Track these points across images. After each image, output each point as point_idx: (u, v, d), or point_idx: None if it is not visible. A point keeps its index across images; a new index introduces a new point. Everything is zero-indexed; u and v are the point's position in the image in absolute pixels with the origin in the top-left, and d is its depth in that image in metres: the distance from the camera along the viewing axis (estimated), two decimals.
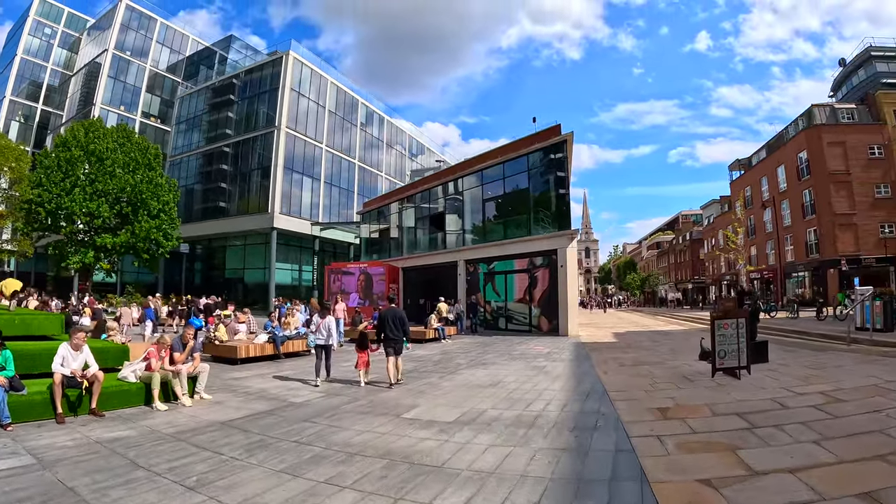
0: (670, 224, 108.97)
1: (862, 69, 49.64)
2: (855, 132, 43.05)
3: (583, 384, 10.88)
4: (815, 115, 44.57)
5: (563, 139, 25.51)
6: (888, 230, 40.93)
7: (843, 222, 41.35)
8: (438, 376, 12.54)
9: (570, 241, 24.60)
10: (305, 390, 10.87)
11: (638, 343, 20.17)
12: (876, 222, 41.19)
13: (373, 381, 11.59)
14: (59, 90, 65.23)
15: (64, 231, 36.10)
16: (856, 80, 50.53)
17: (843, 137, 42.65)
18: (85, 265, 36.46)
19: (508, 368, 13.56)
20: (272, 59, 52.59)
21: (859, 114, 44.45)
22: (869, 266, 40.36)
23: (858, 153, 42.18)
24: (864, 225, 41.17)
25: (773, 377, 10.53)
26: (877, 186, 41.83)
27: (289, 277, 52.25)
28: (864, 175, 41.88)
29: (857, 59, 50.29)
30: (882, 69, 47.65)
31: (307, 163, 51.85)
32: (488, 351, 18.18)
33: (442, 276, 31.30)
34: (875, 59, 48.21)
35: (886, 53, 48.46)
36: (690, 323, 32.96)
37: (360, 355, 11.68)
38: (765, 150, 54.46)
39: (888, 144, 42.12)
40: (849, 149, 42.23)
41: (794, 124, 47.90)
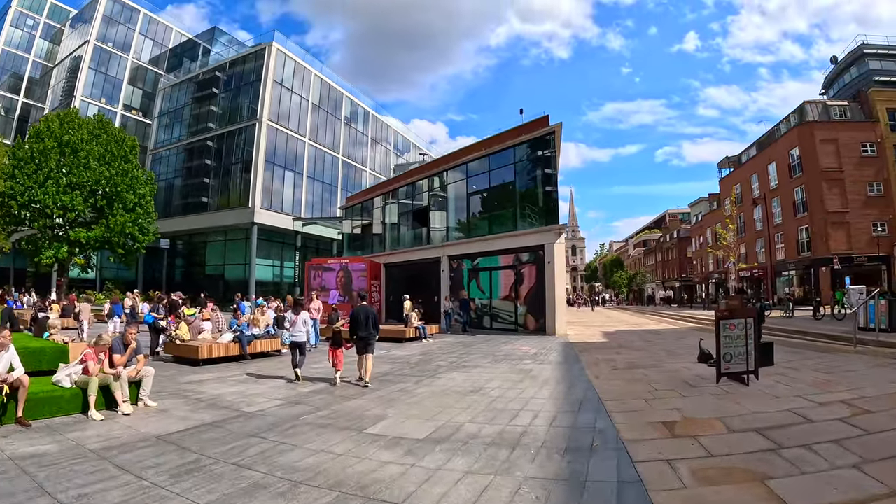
0: (657, 222, 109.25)
1: (854, 67, 49.03)
2: (847, 129, 42.32)
3: (574, 391, 9.76)
4: (807, 111, 43.87)
5: (551, 131, 24.36)
6: (881, 229, 40.24)
7: (836, 220, 40.64)
8: (414, 381, 11.37)
9: (557, 236, 23.45)
10: (263, 397, 9.68)
11: (629, 343, 19.09)
12: (868, 221, 40.58)
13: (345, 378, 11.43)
14: (40, 82, 63.40)
15: (37, 225, 34.68)
16: (848, 77, 49.87)
17: (835, 135, 41.92)
18: (58, 260, 35.06)
19: (492, 372, 12.47)
20: (255, 50, 51.28)
21: (852, 111, 43.80)
22: (861, 265, 39.74)
23: (851, 151, 41.49)
24: (857, 223, 40.51)
25: (785, 383, 9.54)
26: (869, 184, 41.19)
27: (270, 274, 51.14)
28: (856, 173, 41.20)
29: (849, 56, 49.66)
30: (875, 67, 47.12)
31: (289, 157, 50.72)
32: (471, 352, 17.07)
33: (425, 272, 30.16)
34: (868, 56, 47.62)
35: (879, 51, 47.93)
36: (681, 322, 31.93)
37: (333, 353, 11.41)
38: (755, 147, 53.77)
39: (881, 142, 41.46)
40: (841, 146, 41.54)
41: (785, 121, 47.17)
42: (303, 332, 11.97)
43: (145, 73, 61.10)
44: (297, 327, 11.91)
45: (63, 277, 38.67)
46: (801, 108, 44.56)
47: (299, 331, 11.89)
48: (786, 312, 27.48)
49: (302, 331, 11.92)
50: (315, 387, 10.83)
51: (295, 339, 11.87)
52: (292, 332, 12.05)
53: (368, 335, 11.16)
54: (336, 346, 11.48)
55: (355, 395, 9.80)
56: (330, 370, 11.61)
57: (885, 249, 39.41)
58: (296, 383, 11.19)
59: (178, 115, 56.29)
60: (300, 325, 11.92)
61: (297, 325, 11.93)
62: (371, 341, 11.24)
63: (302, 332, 11.93)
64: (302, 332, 11.93)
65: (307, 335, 12.42)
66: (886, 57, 47.65)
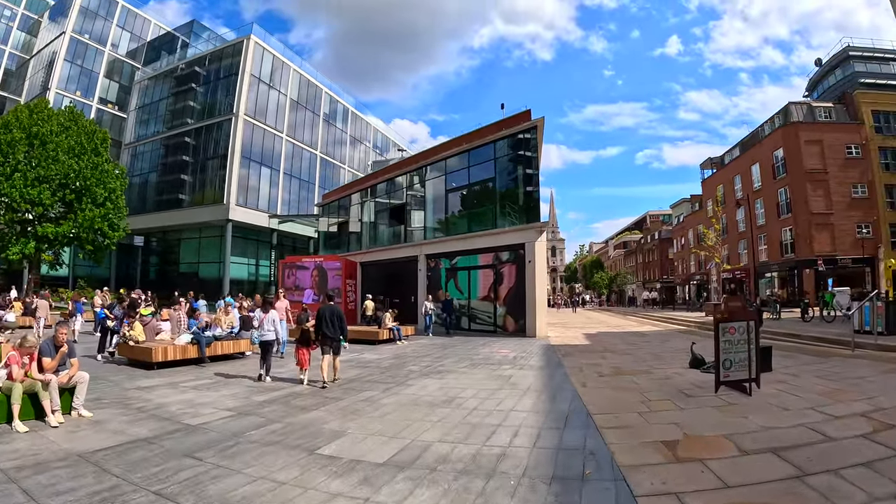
0: (638, 224, 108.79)
1: (839, 69, 48.75)
2: (832, 131, 41.92)
3: (559, 402, 8.78)
4: (791, 112, 43.41)
5: (533, 125, 23.46)
6: (865, 231, 39.85)
7: (820, 222, 40.23)
8: (383, 388, 10.35)
9: (538, 234, 22.53)
10: (212, 407, 8.63)
11: (613, 346, 18.15)
12: (852, 222, 40.20)
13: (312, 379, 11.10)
14: (16, 74, 61.43)
15: (3, 219, 33.21)
16: (832, 79, 49.63)
17: (820, 136, 41.50)
18: (26, 256, 33.61)
19: (468, 378, 11.51)
20: (233, 44, 49.86)
21: (837, 113, 43.38)
22: (845, 266, 39.38)
23: (836, 152, 41.09)
24: (841, 225, 40.12)
25: (790, 392, 8.70)
26: (854, 186, 40.82)
27: (245, 272, 49.87)
28: (841, 174, 40.80)
29: (834, 59, 49.41)
30: (860, 69, 46.88)
31: (266, 153, 49.45)
32: (447, 355, 16.05)
33: (402, 271, 29.21)
34: (853, 59, 47.40)
35: (864, 54, 47.79)
36: (664, 324, 31.20)
37: (300, 353, 11.25)
38: (738, 148, 53.35)
39: (865, 144, 41.15)
40: (826, 147, 41.12)
41: (769, 122, 46.72)
42: (272, 332, 11.75)
43: (122, 66, 59.35)
44: (266, 326, 11.75)
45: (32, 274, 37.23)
46: (785, 109, 44.11)
47: (268, 330, 11.70)
48: (773, 314, 26.71)
49: (271, 330, 11.73)
50: (273, 394, 9.85)
51: (264, 338, 11.65)
52: (261, 332, 11.87)
53: (335, 335, 10.98)
54: (303, 346, 11.31)
55: (314, 406, 8.77)
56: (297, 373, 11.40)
57: (869, 251, 39.05)
58: (252, 390, 10.30)
59: (154, 109, 54.67)
60: (268, 324, 11.77)
61: (265, 324, 11.78)
62: (336, 342, 11.07)
63: (271, 332, 11.72)
64: (271, 332, 11.72)
65: (276, 334, 12.10)
66: (872, 59, 47.49)
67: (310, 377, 11.12)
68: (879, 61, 47.59)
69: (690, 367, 11.73)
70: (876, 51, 48.02)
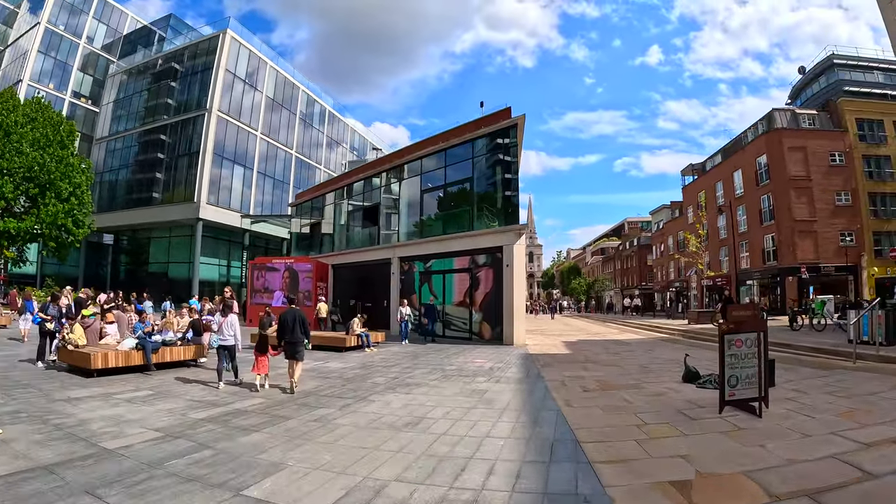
0: (616, 230, 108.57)
1: (823, 76, 48.52)
2: (816, 138, 41.30)
3: (541, 425, 7.55)
4: (775, 119, 42.74)
5: (513, 123, 22.27)
6: (848, 238, 39.28)
7: (803, 229, 39.53)
8: (340, 405, 9.06)
9: (517, 237, 21.34)
10: (139, 426, 7.35)
11: (596, 356, 16.93)
12: (836, 230, 39.59)
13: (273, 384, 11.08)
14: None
15: None
16: (816, 87, 49.38)
17: (803, 143, 40.86)
18: None
19: (438, 393, 10.28)
20: (209, 38, 48.35)
21: (821, 120, 42.85)
22: (828, 274, 38.79)
23: (819, 159, 40.48)
24: (824, 232, 39.46)
25: (802, 412, 7.71)
26: (837, 194, 40.20)
27: (216, 273, 48.30)
28: (824, 182, 40.18)
29: (818, 66, 49.12)
30: (844, 77, 46.59)
31: (240, 151, 47.92)
32: (418, 365, 14.77)
33: (374, 274, 27.97)
34: (837, 66, 47.11)
35: (849, 62, 47.52)
36: (646, 331, 30.16)
37: (258, 359, 10.86)
38: (720, 155, 52.65)
39: (849, 152, 40.64)
40: (810, 154, 40.48)
41: (752, 129, 46.03)
42: (231, 336, 11.16)
43: (97, 59, 57.23)
44: (226, 331, 11.17)
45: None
46: (769, 115, 43.45)
47: (228, 334, 11.15)
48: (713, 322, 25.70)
49: (230, 334, 11.15)
50: (215, 410, 8.60)
51: (224, 342, 11.14)
52: (221, 336, 11.25)
53: (296, 340, 10.74)
54: (261, 352, 10.91)
55: (257, 426, 7.51)
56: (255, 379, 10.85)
57: (852, 259, 38.54)
58: (192, 404, 9.14)
59: (127, 104, 52.74)
60: (228, 328, 11.16)
61: (225, 329, 11.19)
62: (299, 347, 10.76)
63: (230, 336, 11.15)
64: (230, 336, 11.15)
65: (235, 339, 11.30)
66: (856, 68, 47.24)
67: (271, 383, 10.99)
68: (863, 70, 47.38)
69: (684, 381, 10.71)
70: (860, 59, 47.80)
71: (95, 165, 50.39)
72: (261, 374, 10.84)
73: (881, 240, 39.82)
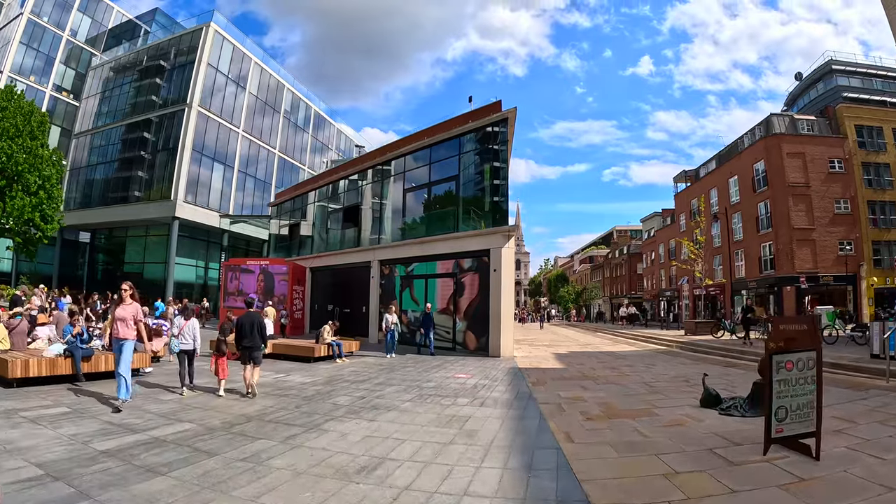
0: (605, 238, 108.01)
1: (821, 82, 47.67)
2: (815, 144, 40.07)
3: (538, 475, 5.74)
4: (773, 124, 41.43)
5: (504, 117, 20.57)
6: (848, 248, 38.01)
7: (802, 237, 38.17)
8: (285, 437, 7.29)
9: (506, 239, 19.64)
10: (20, 458, 5.68)
11: (592, 371, 15.22)
12: (835, 239, 38.32)
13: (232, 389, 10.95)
14: None
15: None
16: (814, 93, 48.60)
17: (802, 149, 39.57)
18: None
19: (410, 421, 8.44)
20: (191, 31, 46.70)
21: (819, 126, 41.60)
22: (827, 284, 37.52)
23: (818, 166, 39.20)
24: (823, 241, 38.16)
25: (865, 450, 6.22)
26: (836, 202, 38.90)
27: (192, 275, 46.53)
28: (823, 189, 38.90)
29: (816, 72, 48.23)
30: (843, 83, 45.78)
31: (220, 148, 46.20)
32: (392, 380, 13.08)
33: (353, 278, 26.36)
34: (836, 72, 46.25)
35: (847, 68, 46.66)
36: (640, 342, 28.65)
37: (217, 362, 10.75)
38: (715, 161, 51.37)
39: (848, 159, 39.37)
40: (808, 161, 39.20)
41: (749, 134, 44.70)
42: (191, 341, 10.95)
43: (80, 52, 55.37)
44: (186, 335, 10.97)
45: None
46: (767, 120, 42.16)
47: (188, 338, 10.95)
48: (763, 335, 23.99)
49: (190, 338, 10.95)
50: (130, 437, 6.90)
51: (183, 347, 10.91)
52: (180, 340, 11.04)
53: (253, 345, 10.67)
54: (219, 355, 10.77)
55: (167, 466, 5.77)
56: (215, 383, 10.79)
57: (851, 269, 37.18)
58: (104, 429, 7.44)
59: (107, 98, 50.85)
60: (189, 331, 11.00)
61: (185, 333, 11.00)
62: (256, 352, 10.64)
63: (190, 341, 10.94)
64: (190, 341, 10.94)
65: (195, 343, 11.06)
66: (854, 74, 46.38)
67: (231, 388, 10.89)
68: (862, 77, 46.47)
69: (702, 405, 9.13)
70: (859, 65, 46.91)
71: (74, 161, 49.00)
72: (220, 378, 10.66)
73: (880, 249, 38.65)
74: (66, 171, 48.17)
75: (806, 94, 49.92)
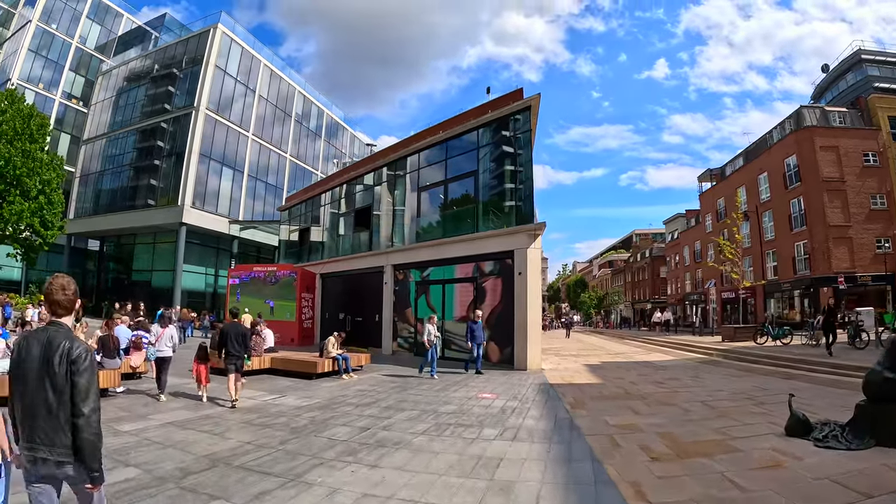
0: (624, 242, 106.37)
1: (850, 73, 45.53)
2: (848, 136, 38.01)
3: None
4: (804, 116, 39.41)
5: (526, 105, 18.81)
6: (886, 245, 35.92)
7: (838, 235, 36.05)
8: (249, 496, 5.34)
9: (532, 239, 17.74)
10: None
11: (634, 386, 13.33)
12: (872, 236, 36.24)
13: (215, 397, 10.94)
14: None
15: None
16: (843, 84, 46.39)
17: (835, 142, 37.55)
18: None
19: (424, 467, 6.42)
20: (198, 34, 45.65)
21: (851, 118, 39.55)
22: (864, 284, 35.38)
23: (852, 160, 37.10)
24: (860, 238, 36.05)
25: None
26: (872, 197, 36.82)
27: (201, 282, 45.35)
28: (858, 184, 36.78)
29: (844, 62, 46.15)
30: (873, 73, 43.63)
31: (229, 152, 45.03)
32: (404, 402, 11.22)
33: (366, 284, 24.74)
34: (865, 62, 44.17)
35: (877, 57, 44.63)
36: (675, 350, 26.70)
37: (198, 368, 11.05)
38: (742, 158, 49.33)
39: (883, 152, 37.27)
40: (842, 154, 37.11)
41: (779, 128, 42.71)
42: (168, 348, 11.32)
43: (90, 59, 54.73)
44: (164, 342, 11.32)
45: None
46: (797, 113, 40.14)
47: (165, 346, 11.30)
48: (811, 340, 21.95)
49: (168, 346, 11.32)
50: None
51: (161, 354, 11.24)
52: (158, 347, 11.39)
53: (238, 353, 10.71)
54: (202, 362, 11.08)
55: None
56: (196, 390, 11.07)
57: (892, 268, 34.98)
58: None
59: (115, 103, 49.97)
60: (167, 340, 11.35)
61: (163, 341, 11.34)
62: (236, 360, 10.61)
63: (168, 348, 11.31)
64: (168, 348, 11.31)
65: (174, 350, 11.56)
66: (885, 64, 44.24)
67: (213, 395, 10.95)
68: (892, 66, 44.20)
69: (788, 433, 7.39)
70: (889, 55, 44.68)
71: (82, 167, 47.94)
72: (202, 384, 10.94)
73: None
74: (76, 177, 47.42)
75: (835, 85, 47.75)
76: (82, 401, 2.95)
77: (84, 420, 2.94)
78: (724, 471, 5.97)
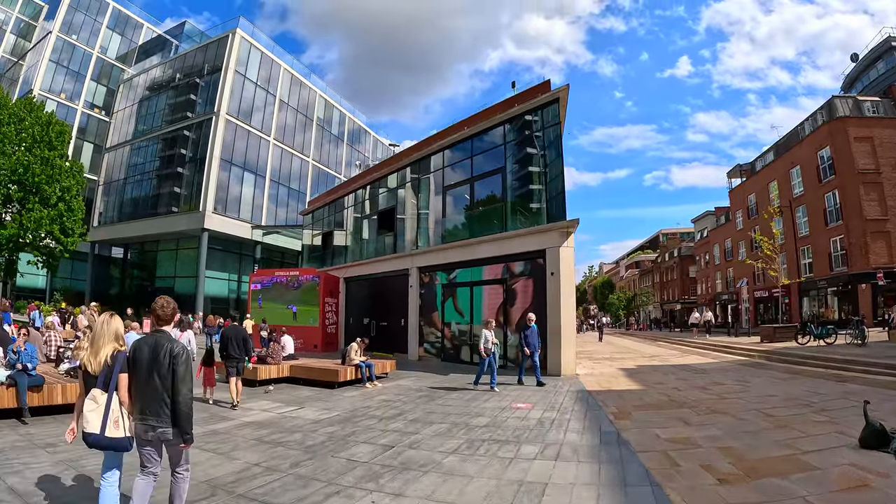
0: (651, 243, 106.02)
1: (881, 62, 43.86)
2: (883, 126, 36.62)
3: None
4: (836, 107, 38.11)
5: (555, 97, 18.00)
6: None
7: (875, 229, 34.71)
8: None
9: (564, 237, 16.91)
10: None
11: (677, 393, 12.49)
12: None
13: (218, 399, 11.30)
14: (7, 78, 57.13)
15: None
16: (874, 73, 44.72)
17: (869, 132, 36.27)
18: None
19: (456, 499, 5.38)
20: (217, 40, 45.71)
21: (884, 107, 38.18)
22: None
23: (888, 150, 35.72)
24: None
25: None
26: None
27: (225, 289, 45.20)
28: (895, 176, 35.42)
29: (874, 51, 44.53)
30: None
31: (250, 157, 44.88)
32: (432, 413, 10.37)
33: (390, 288, 24.15)
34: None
35: None
36: (713, 352, 25.56)
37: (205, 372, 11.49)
38: (772, 152, 47.93)
39: None
40: (877, 145, 35.81)
41: (811, 119, 41.41)
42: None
43: (111, 69, 55.08)
44: None
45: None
46: (829, 103, 38.85)
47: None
48: (856, 339, 20.93)
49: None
50: None
51: None
52: None
53: (239, 356, 11.16)
54: (208, 365, 11.58)
55: None
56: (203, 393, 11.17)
57: None
58: None
59: (137, 111, 50.53)
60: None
61: None
62: (237, 363, 11.10)
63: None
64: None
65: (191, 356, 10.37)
66: None
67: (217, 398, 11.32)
68: None
69: (862, 445, 6.62)
70: None
71: (105, 176, 48.09)
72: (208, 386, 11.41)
73: None
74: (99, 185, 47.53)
75: (865, 74, 46.18)
76: (180, 383, 4.10)
77: (182, 397, 4.10)
78: (806, 494, 5.17)
